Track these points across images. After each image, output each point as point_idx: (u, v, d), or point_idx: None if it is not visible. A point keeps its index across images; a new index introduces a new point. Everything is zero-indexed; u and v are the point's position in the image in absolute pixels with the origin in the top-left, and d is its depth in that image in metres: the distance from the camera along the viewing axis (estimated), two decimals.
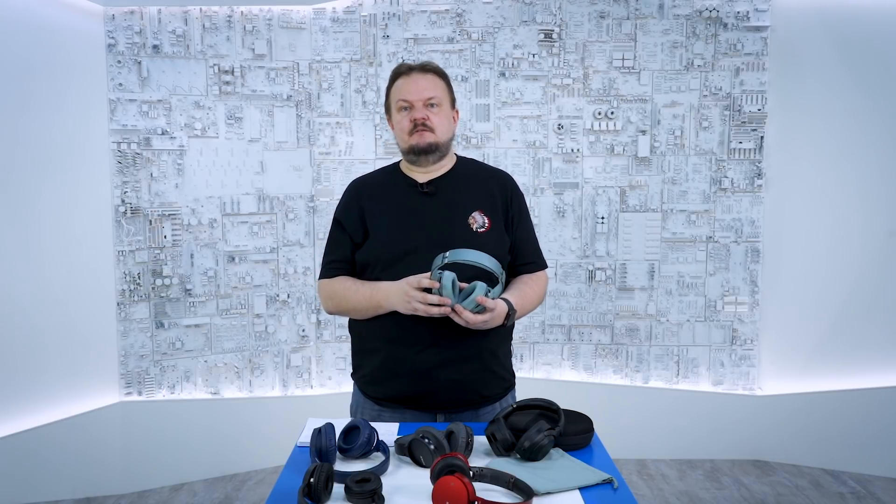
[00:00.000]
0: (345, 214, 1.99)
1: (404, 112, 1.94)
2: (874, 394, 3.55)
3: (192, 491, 3.43)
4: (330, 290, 1.97)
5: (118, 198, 3.38)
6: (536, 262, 2.03)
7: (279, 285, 3.65)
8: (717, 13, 3.58)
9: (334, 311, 2.00)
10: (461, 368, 1.87)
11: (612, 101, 3.65)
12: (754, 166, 3.64)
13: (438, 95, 1.94)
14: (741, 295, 3.70)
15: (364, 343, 1.99)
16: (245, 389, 3.63)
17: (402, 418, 1.90)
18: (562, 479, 1.51)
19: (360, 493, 1.39)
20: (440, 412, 1.90)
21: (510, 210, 1.98)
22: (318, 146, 3.64)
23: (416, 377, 1.87)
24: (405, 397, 1.90)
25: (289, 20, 3.56)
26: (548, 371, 3.80)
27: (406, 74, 1.95)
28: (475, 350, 1.88)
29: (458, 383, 1.88)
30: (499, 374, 1.96)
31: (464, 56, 3.64)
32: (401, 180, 1.99)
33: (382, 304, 1.86)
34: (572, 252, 3.73)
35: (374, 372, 1.95)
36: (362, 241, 1.95)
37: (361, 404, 1.99)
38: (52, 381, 3.28)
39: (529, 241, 2.03)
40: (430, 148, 1.92)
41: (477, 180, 2.00)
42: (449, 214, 1.92)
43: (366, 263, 1.93)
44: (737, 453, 3.73)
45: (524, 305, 1.92)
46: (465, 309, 1.74)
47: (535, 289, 1.99)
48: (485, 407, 1.93)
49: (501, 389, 1.97)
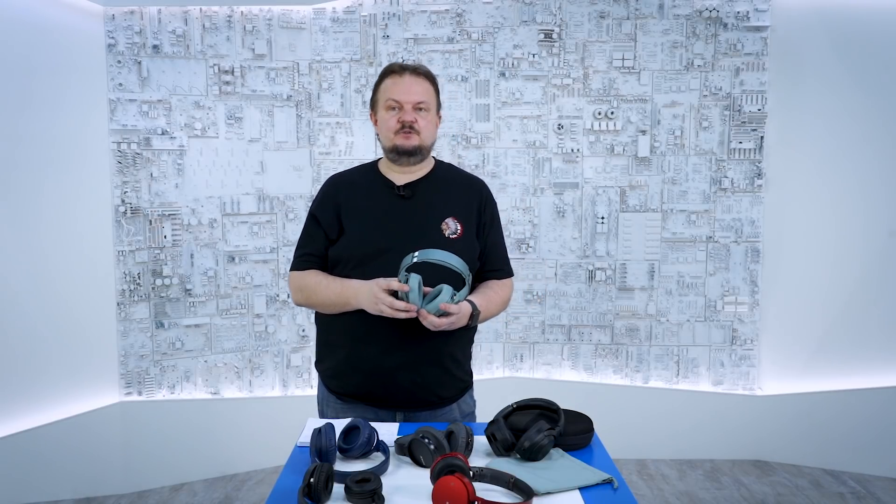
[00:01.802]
0: (321, 209, 2.02)
1: (392, 112, 1.96)
2: (874, 394, 3.55)
3: (192, 491, 3.43)
4: (300, 282, 2.01)
5: (118, 198, 3.38)
6: (504, 269, 2.09)
7: (279, 285, 3.65)
8: (717, 13, 3.58)
9: (303, 303, 2.04)
10: (421, 371, 1.92)
11: (612, 101, 3.65)
12: (754, 166, 3.64)
13: (427, 100, 1.98)
14: (741, 295, 3.70)
15: (329, 336, 2.03)
16: (245, 389, 3.63)
17: (365, 414, 1.93)
18: (562, 479, 1.51)
19: (360, 493, 1.39)
20: (399, 410, 1.95)
21: (482, 217, 2.03)
22: (318, 146, 3.64)
23: (377, 376, 1.92)
24: (366, 394, 1.95)
25: (289, 20, 3.56)
26: (548, 371, 3.80)
27: (398, 74, 1.98)
28: (436, 354, 1.93)
29: (418, 385, 1.93)
30: (457, 377, 2.01)
31: (464, 56, 3.64)
32: (378, 180, 2.02)
33: (351, 302, 1.89)
34: (572, 252, 3.73)
35: (336, 366, 2.00)
36: (336, 237, 1.98)
37: (325, 397, 2.04)
38: (52, 381, 3.28)
39: (499, 249, 2.07)
40: (413, 150, 1.96)
41: (453, 186, 2.04)
42: (423, 218, 1.96)
43: (338, 260, 1.97)
44: (737, 453, 3.73)
45: (488, 308, 1.97)
46: (429, 313, 1.78)
47: (500, 293, 2.04)
48: (442, 408, 1.98)
49: (458, 391, 2.03)
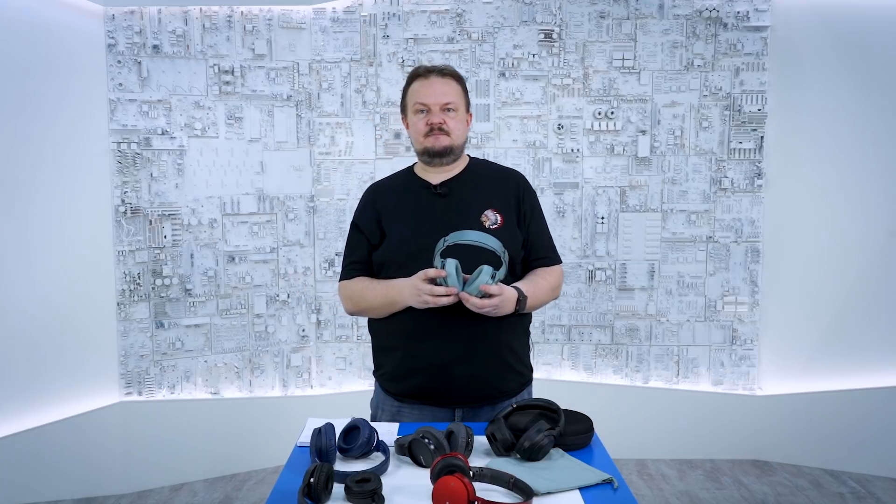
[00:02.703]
0: (362, 217, 2.05)
1: (421, 115, 1.97)
2: (874, 394, 3.55)
3: (192, 491, 3.43)
4: (349, 291, 2.03)
5: (118, 198, 3.38)
6: (551, 256, 2.06)
7: (279, 285, 3.66)
8: (717, 13, 3.58)
9: (354, 311, 2.05)
10: (478, 363, 1.90)
11: (612, 101, 3.65)
12: (754, 166, 3.64)
13: (455, 100, 1.98)
14: (741, 295, 3.70)
15: (383, 341, 2.03)
16: (245, 389, 3.63)
17: (421, 414, 1.94)
18: (562, 479, 1.51)
19: (360, 493, 1.39)
20: (458, 407, 1.93)
21: (522, 206, 2.03)
22: (318, 146, 3.64)
23: (433, 372, 1.91)
24: (423, 392, 1.93)
25: (289, 20, 3.56)
26: (548, 371, 3.79)
27: (424, 77, 1.99)
28: (493, 345, 1.91)
29: (476, 378, 1.91)
30: (516, 369, 1.98)
31: (464, 56, 3.63)
32: (415, 182, 2.04)
33: (397, 301, 1.90)
34: (572, 252, 3.73)
35: (393, 369, 1.99)
36: (379, 242, 1.99)
37: (382, 400, 2.03)
38: (52, 381, 3.28)
39: (543, 237, 2.06)
40: (444, 151, 1.97)
41: (489, 179, 2.05)
42: (462, 213, 1.95)
43: (382, 263, 1.98)
44: (737, 453, 3.72)
45: (536, 294, 1.95)
46: (470, 295, 1.77)
47: (548, 280, 2.01)
48: (503, 402, 1.94)
49: (518, 384, 2.00)
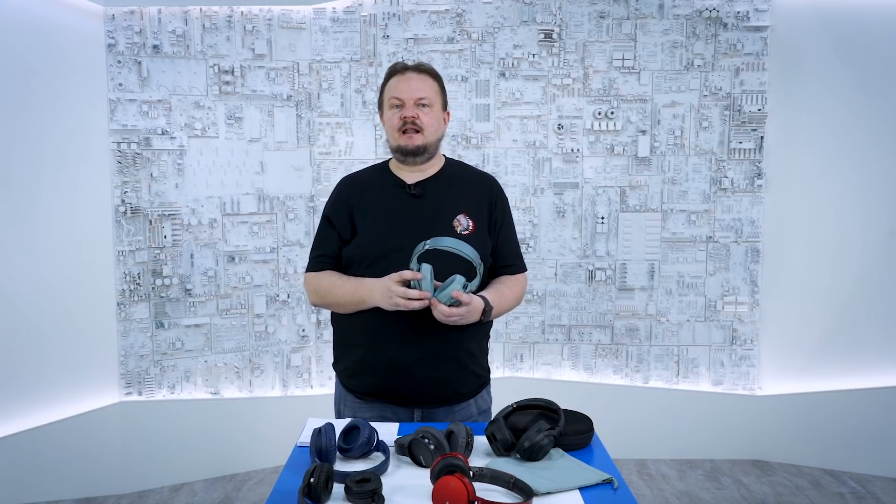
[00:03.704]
0: (333, 211, 2.04)
1: (395, 110, 1.98)
2: (874, 394, 3.55)
3: (192, 491, 3.43)
4: (315, 284, 2.02)
5: (118, 198, 3.38)
6: (517, 264, 2.08)
7: (279, 285, 3.66)
8: (717, 13, 3.58)
9: (319, 303, 2.05)
10: (438, 366, 1.92)
11: (612, 101, 3.65)
12: (754, 166, 3.64)
13: (430, 96, 1.98)
14: (741, 295, 3.70)
15: (346, 337, 2.03)
16: (245, 389, 3.63)
17: (381, 412, 1.95)
18: (562, 479, 1.51)
19: (360, 493, 1.39)
20: (417, 408, 1.95)
21: (494, 213, 2.03)
22: (318, 146, 3.64)
23: (394, 373, 1.92)
24: (382, 391, 1.95)
25: (289, 20, 3.56)
26: (548, 371, 3.79)
27: (401, 73, 2.00)
28: (453, 348, 1.93)
29: (434, 380, 1.93)
30: (474, 372, 2.01)
31: (464, 56, 3.63)
32: (389, 180, 2.03)
33: (366, 300, 1.90)
34: (572, 252, 3.73)
35: (354, 366, 2.00)
36: (350, 237, 1.99)
37: (343, 397, 2.05)
38: (52, 381, 3.28)
39: (511, 244, 2.08)
40: (417, 150, 1.97)
41: (463, 183, 2.05)
42: (435, 216, 1.96)
43: (351, 260, 1.98)
44: (737, 453, 3.72)
45: (501, 304, 1.97)
46: (439, 302, 1.78)
47: (513, 289, 2.04)
48: (460, 403, 1.99)
49: (476, 386, 2.03)
